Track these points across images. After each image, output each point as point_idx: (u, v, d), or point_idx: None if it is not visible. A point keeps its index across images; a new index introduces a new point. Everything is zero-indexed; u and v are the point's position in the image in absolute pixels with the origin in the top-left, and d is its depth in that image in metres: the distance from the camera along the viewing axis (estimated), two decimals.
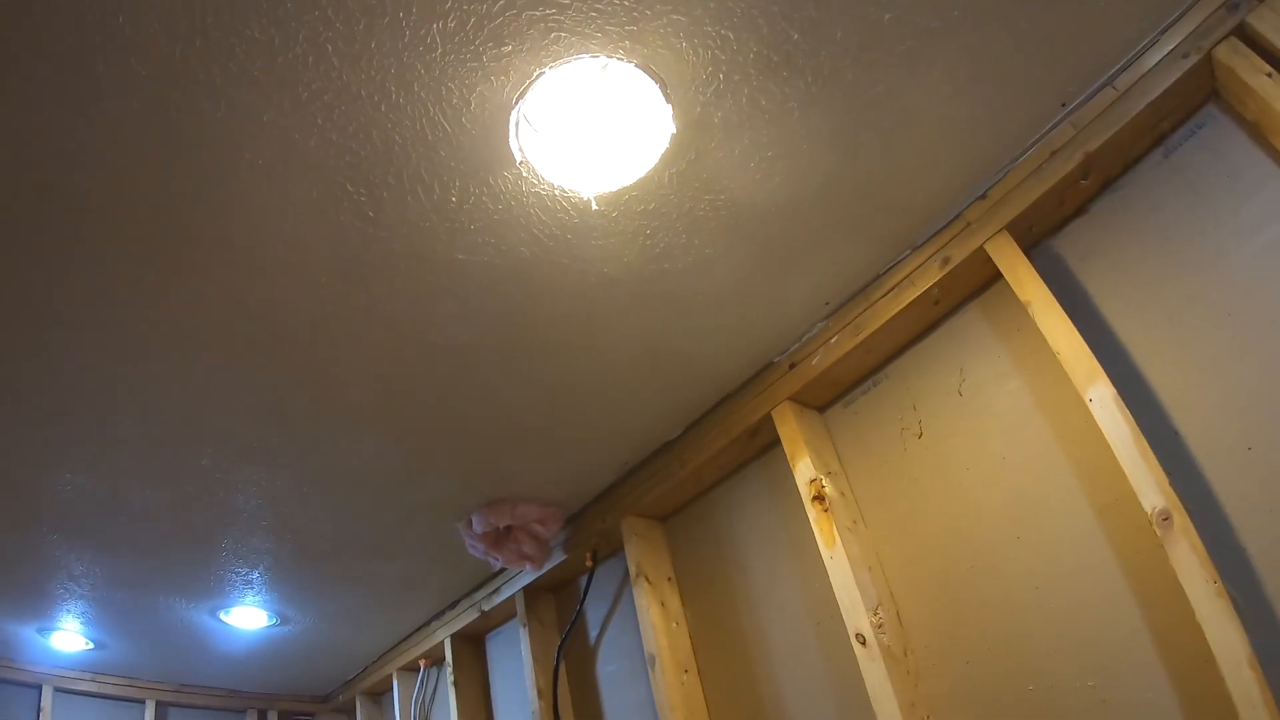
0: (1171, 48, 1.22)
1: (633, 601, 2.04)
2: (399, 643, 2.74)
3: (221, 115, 1.00)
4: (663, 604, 1.88)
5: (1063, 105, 1.26)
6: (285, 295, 1.26)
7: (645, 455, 1.94)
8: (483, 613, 2.35)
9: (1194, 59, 1.20)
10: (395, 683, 2.72)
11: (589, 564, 2.11)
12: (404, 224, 1.17)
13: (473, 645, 2.53)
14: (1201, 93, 1.25)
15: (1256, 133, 1.19)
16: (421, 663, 2.66)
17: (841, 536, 1.52)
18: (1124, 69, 1.23)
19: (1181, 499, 1.11)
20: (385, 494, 1.84)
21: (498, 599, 2.31)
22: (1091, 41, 1.18)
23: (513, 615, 2.38)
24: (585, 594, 2.14)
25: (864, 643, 1.42)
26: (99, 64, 0.93)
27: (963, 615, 1.41)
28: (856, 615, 1.45)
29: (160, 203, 1.08)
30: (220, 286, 1.22)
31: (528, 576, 2.20)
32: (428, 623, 2.60)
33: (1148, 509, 1.12)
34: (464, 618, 2.43)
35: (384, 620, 2.53)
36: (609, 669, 2.10)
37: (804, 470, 1.61)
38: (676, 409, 1.81)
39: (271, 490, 1.74)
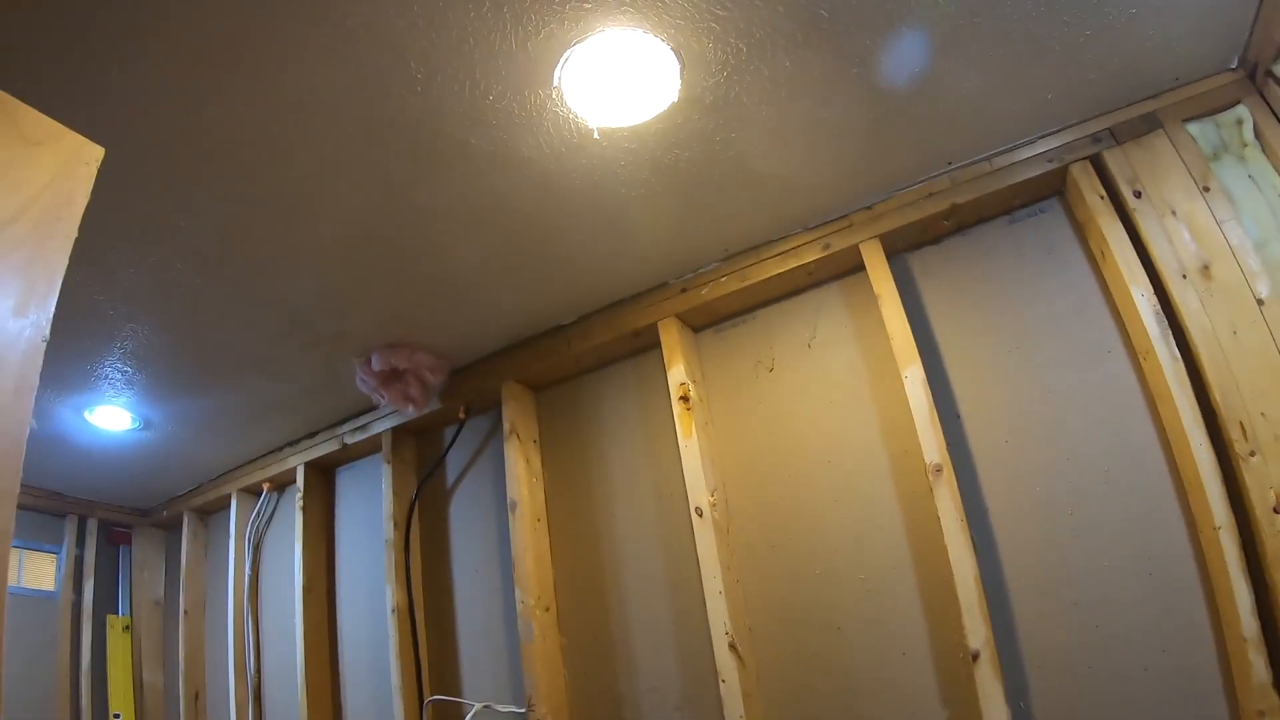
0: (1041, 151, 1.72)
1: (491, 456, 2.38)
2: (243, 465, 2.86)
3: None
4: (527, 460, 2.23)
5: (948, 163, 1.73)
6: (308, 131, 1.39)
7: (537, 332, 2.26)
8: (344, 445, 2.57)
9: (1055, 165, 1.71)
10: (234, 502, 2.85)
11: (462, 416, 2.40)
12: (441, 104, 1.37)
13: (323, 475, 2.74)
14: (1051, 188, 1.77)
15: (1080, 231, 1.74)
16: (265, 486, 2.82)
17: (696, 432, 1.94)
18: (1001, 153, 1.72)
19: (951, 461, 1.64)
20: (303, 321, 2.00)
21: (362, 435, 2.54)
22: (985, 129, 1.65)
23: (370, 452, 2.63)
24: (452, 443, 2.45)
25: (701, 515, 1.87)
26: None
27: (775, 509, 1.90)
28: (698, 493, 1.89)
29: (236, 18, 1.20)
30: (250, 105, 1.34)
31: (398, 418, 2.45)
32: (280, 448, 2.76)
33: (927, 461, 1.64)
34: (323, 448, 2.63)
35: (241, 439, 2.65)
36: (460, 511, 2.42)
37: (676, 374, 2.01)
38: (576, 299, 2.13)
39: (199, 298, 1.83)
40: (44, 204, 0.70)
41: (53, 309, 0.69)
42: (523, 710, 2.06)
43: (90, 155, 0.75)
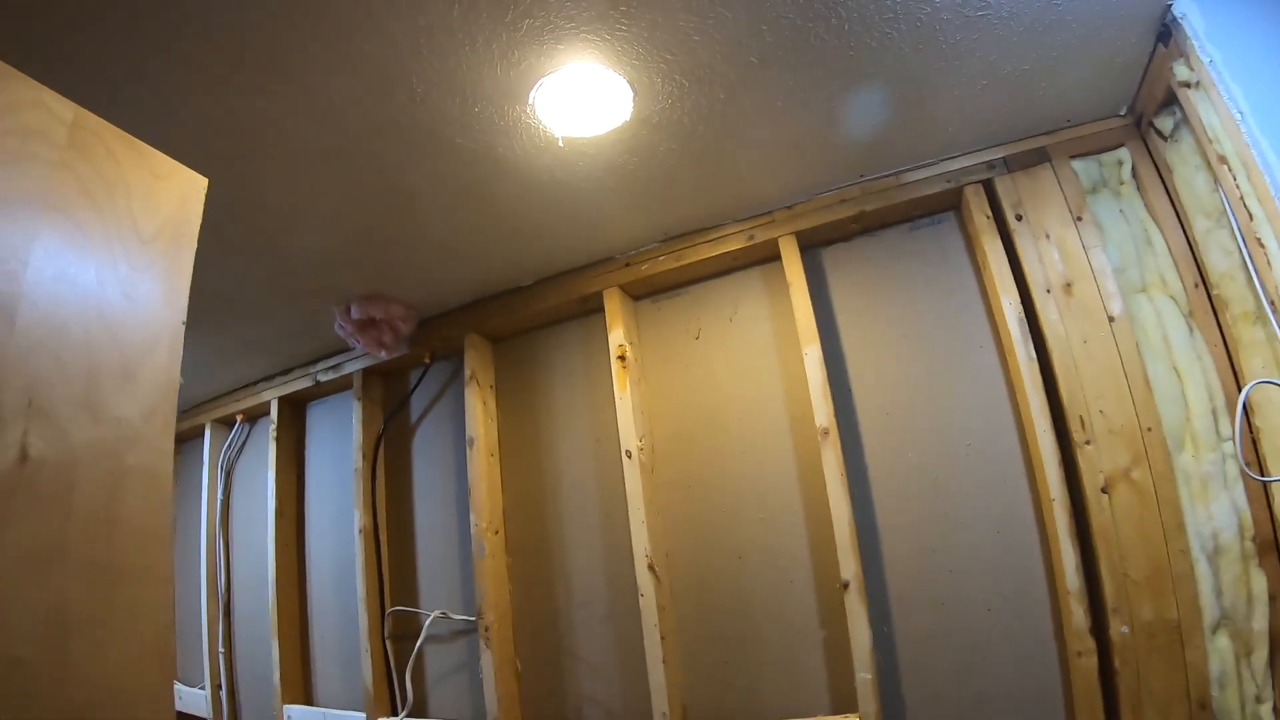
0: (941, 172, 2.03)
1: (451, 397, 2.69)
2: (218, 397, 3.11)
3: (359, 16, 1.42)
4: (484, 403, 2.55)
5: (860, 175, 2.06)
6: (322, 126, 1.62)
7: (499, 291, 2.55)
8: (317, 382, 2.85)
9: (952, 185, 2.02)
10: (208, 432, 3.10)
11: (427, 361, 2.70)
12: (436, 112, 1.63)
13: (295, 409, 3.01)
14: (948, 204, 2.09)
15: (969, 244, 2.09)
16: (238, 417, 3.08)
17: (630, 386, 2.28)
18: (906, 171, 2.05)
19: (838, 425, 2.00)
20: (294, 274, 2.25)
21: (335, 374, 2.81)
22: (893, 151, 1.98)
23: (340, 389, 2.91)
24: (417, 385, 2.75)
25: (630, 457, 2.23)
26: None
27: (693, 456, 2.26)
28: (629, 438, 2.24)
29: (272, 32, 1.45)
30: (274, 103, 1.59)
31: (369, 360, 2.73)
32: (255, 383, 3.01)
33: (818, 424, 1.99)
34: (296, 384, 2.90)
35: (219, 374, 2.90)
36: (421, 446, 2.74)
37: (616, 336, 2.34)
38: (535, 266, 2.43)
39: (202, 250, 2.08)
40: (174, 224, 0.98)
41: (186, 300, 0.98)
42: (473, 618, 2.42)
43: (200, 185, 1.03)
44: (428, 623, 2.51)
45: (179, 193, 0.99)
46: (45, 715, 0.73)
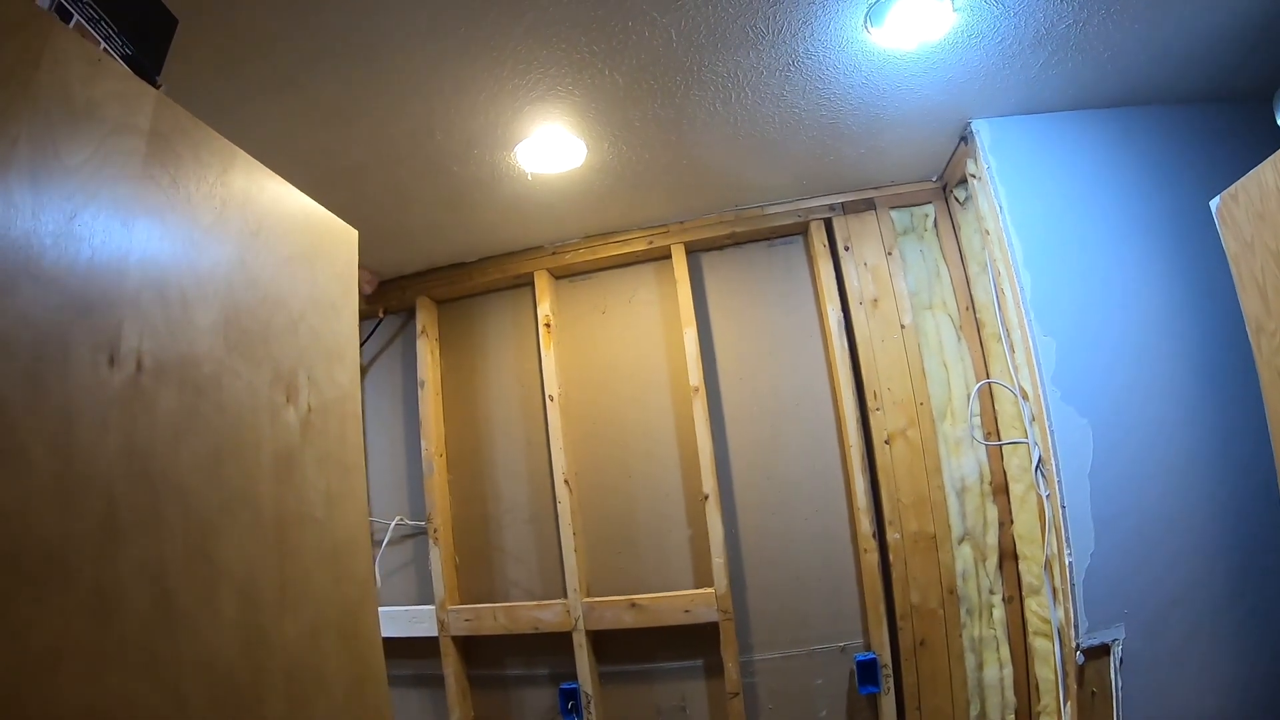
0: (795, 209, 2.78)
1: (401, 346, 3.27)
2: None
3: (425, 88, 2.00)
4: (432, 353, 3.17)
5: (736, 206, 2.82)
6: (364, 148, 2.22)
7: (448, 264, 3.14)
8: None
9: (801, 219, 2.77)
10: None
11: (380, 315, 3.26)
12: (448, 149, 2.21)
13: None
14: (797, 231, 2.85)
15: (810, 263, 2.85)
16: None
17: (553, 347, 3.01)
18: (769, 205, 2.81)
19: (705, 384, 2.78)
20: None
21: None
22: (759, 191, 2.74)
23: None
24: (370, 335, 3.31)
25: (553, 400, 2.96)
26: None
27: (597, 402, 2.99)
28: (551, 385, 2.96)
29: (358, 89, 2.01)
30: (340, 131, 2.16)
31: None
32: None
33: (691, 383, 2.76)
34: None
35: None
36: (371, 385, 3.32)
37: (544, 308, 3.03)
38: (478, 246, 3.03)
39: None
40: (345, 270, 1.61)
41: (357, 310, 1.61)
42: (423, 523, 3.10)
43: (354, 238, 1.66)
44: (391, 526, 3.15)
45: (347, 248, 1.62)
46: (325, 545, 1.40)
